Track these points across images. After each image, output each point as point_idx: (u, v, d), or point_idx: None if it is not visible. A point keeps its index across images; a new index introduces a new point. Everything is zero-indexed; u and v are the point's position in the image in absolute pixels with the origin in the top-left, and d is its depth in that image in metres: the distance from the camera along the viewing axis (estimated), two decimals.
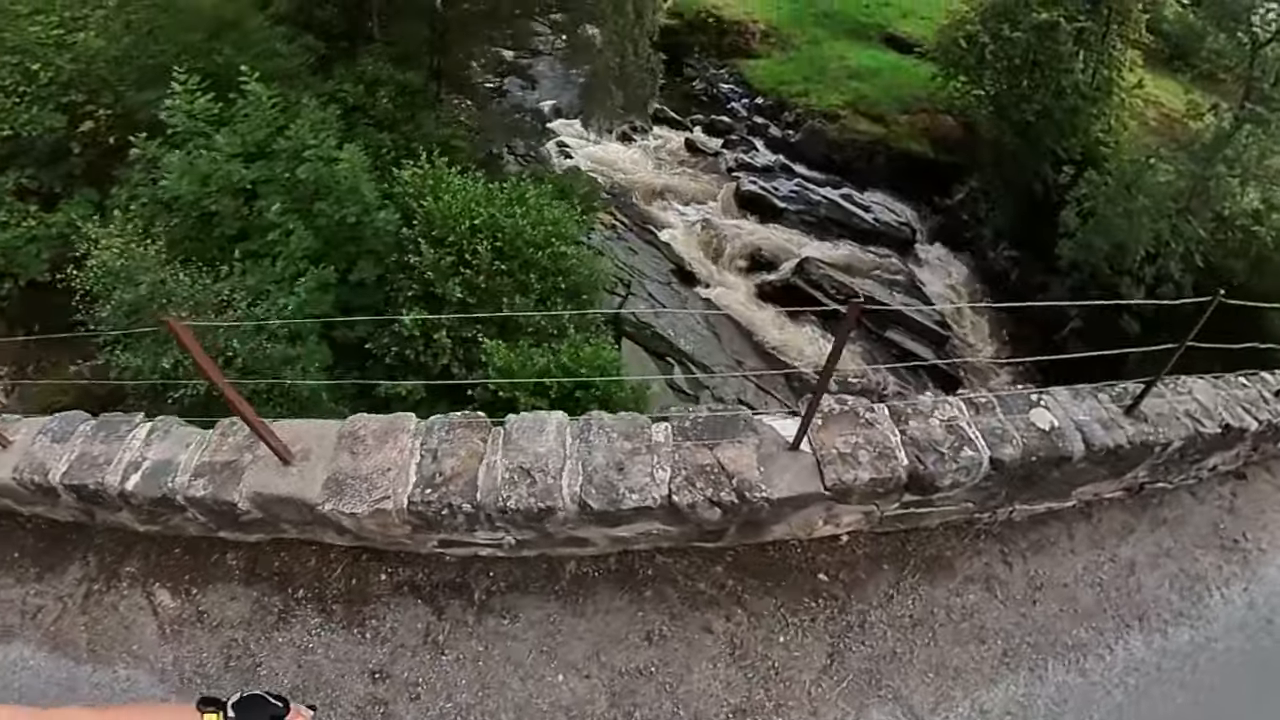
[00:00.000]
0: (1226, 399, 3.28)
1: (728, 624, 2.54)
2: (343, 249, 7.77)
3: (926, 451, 2.64)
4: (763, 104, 18.54)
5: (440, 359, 7.13)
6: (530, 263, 7.57)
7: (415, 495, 2.31)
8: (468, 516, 2.30)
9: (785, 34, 19.68)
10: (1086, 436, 2.85)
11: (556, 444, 2.41)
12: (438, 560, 2.61)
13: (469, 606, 2.48)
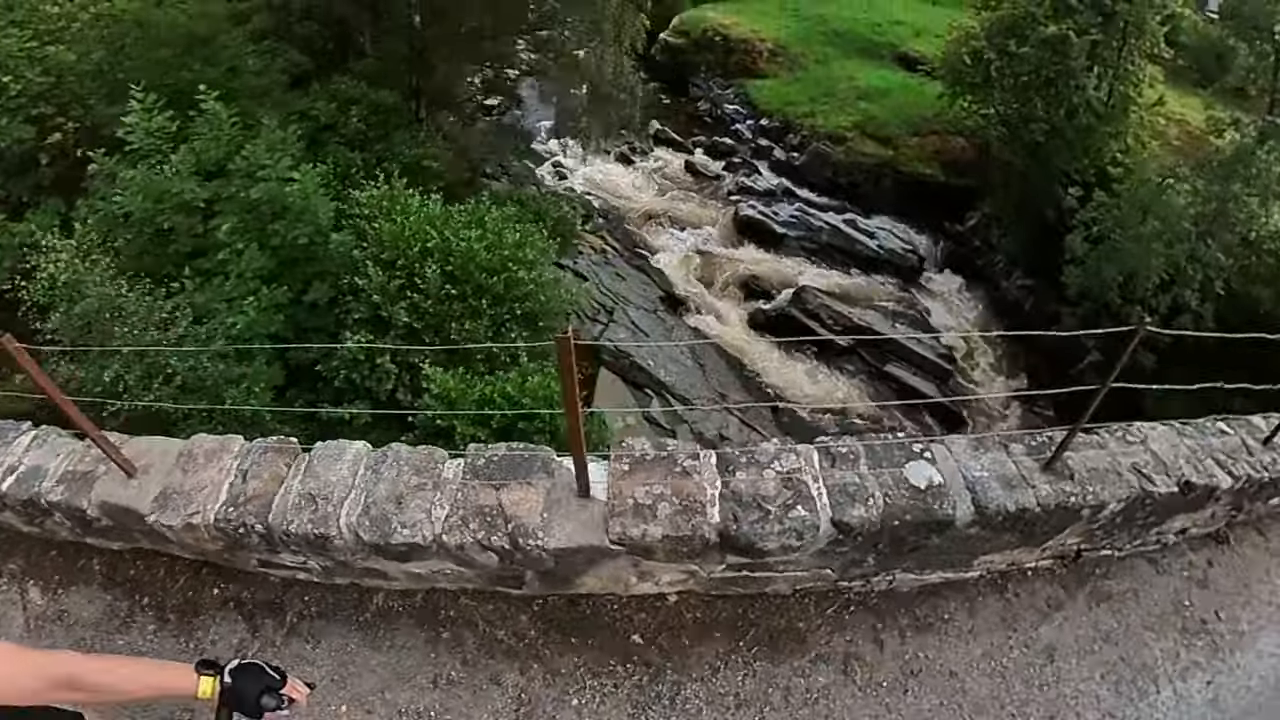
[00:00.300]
0: (1194, 449, 3.04)
1: (520, 678, 2.51)
2: (298, 270, 8.17)
3: (748, 509, 2.48)
4: (768, 125, 18.98)
5: (385, 384, 7.40)
6: (482, 288, 7.86)
7: (220, 513, 2.53)
8: (261, 537, 2.51)
9: (794, 53, 20.21)
10: (979, 497, 2.63)
11: (349, 473, 2.59)
12: (262, 580, 2.81)
13: (280, 627, 2.67)
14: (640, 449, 2.72)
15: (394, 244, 7.59)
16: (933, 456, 2.77)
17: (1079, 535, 3.00)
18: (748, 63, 20.24)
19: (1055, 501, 2.69)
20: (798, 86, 19.27)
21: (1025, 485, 2.72)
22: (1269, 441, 3.20)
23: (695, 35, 21.02)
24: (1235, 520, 3.37)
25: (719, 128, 19.74)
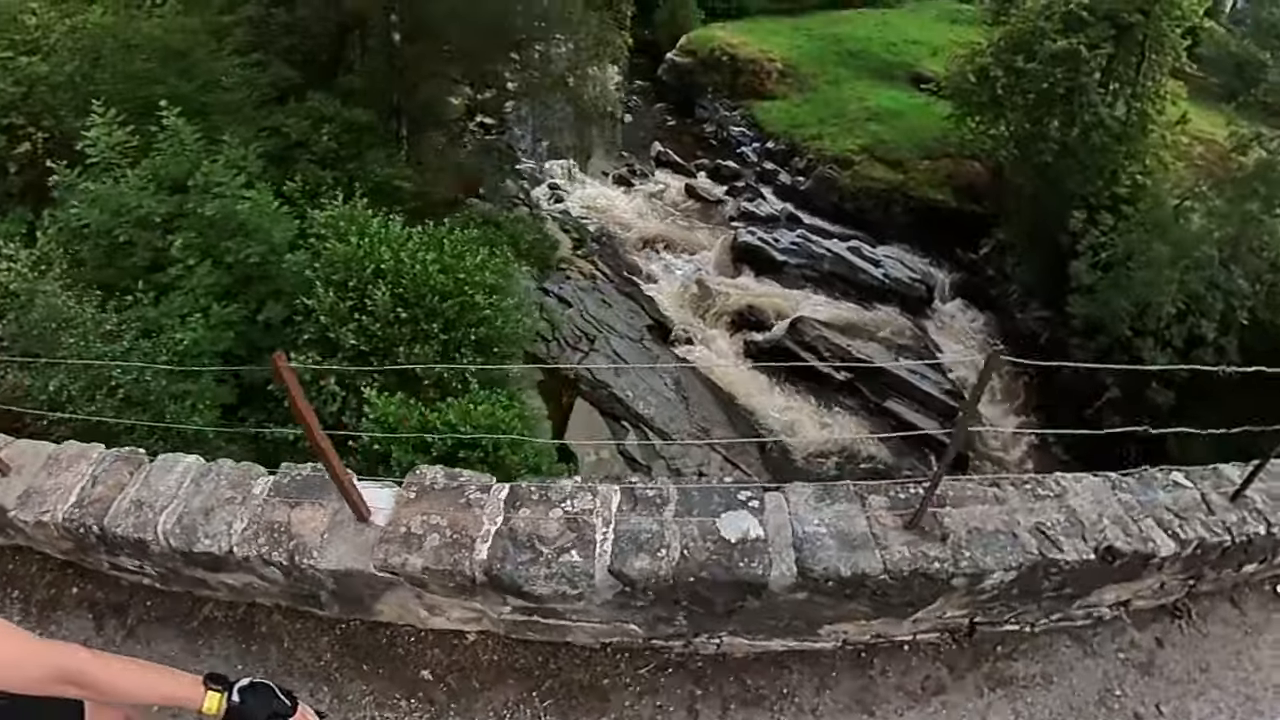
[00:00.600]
0: (1129, 506, 2.82)
1: (309, 699, 2.50)
2: (254, 288, 8.60)
3: (520, 549, 2.49)
4: (774, 148, 19.40)
5: (329, 406, 7.69)
6: (435, 311, 8.17)
7: (66, 514, 2.79)
8: (98, 538, 2.75)
9: (804, 73, 20.72)
10: (805, 557, 2.49)
11: (175, 484, 2.84)
12: (114, 582, 3.06)
13: (121, 628, 2.90)
14: (431, 477, 2.80)
15: (346, 265, 7.95)
16: (760, 506, 2.68)
17: (961, 607, 2.78)
18: (756, 83, 20.79)
19: (911, 567, 2.48)
20: (807, 108, 19.72)
21: (873, 546, 2.54)
22: (1238, 496, 2.94)
23: (703, 55, 21.70)
24: (1196, 591, 3.08)
25: (724, 150, 20.23)
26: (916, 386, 13.73)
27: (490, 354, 8.78)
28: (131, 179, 7.77)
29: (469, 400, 8.01)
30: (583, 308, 14.40)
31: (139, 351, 7.47)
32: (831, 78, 20.57)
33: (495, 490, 2.74)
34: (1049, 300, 14.92)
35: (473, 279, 8.56)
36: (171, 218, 8.06)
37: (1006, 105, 14.63)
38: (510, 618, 2.72)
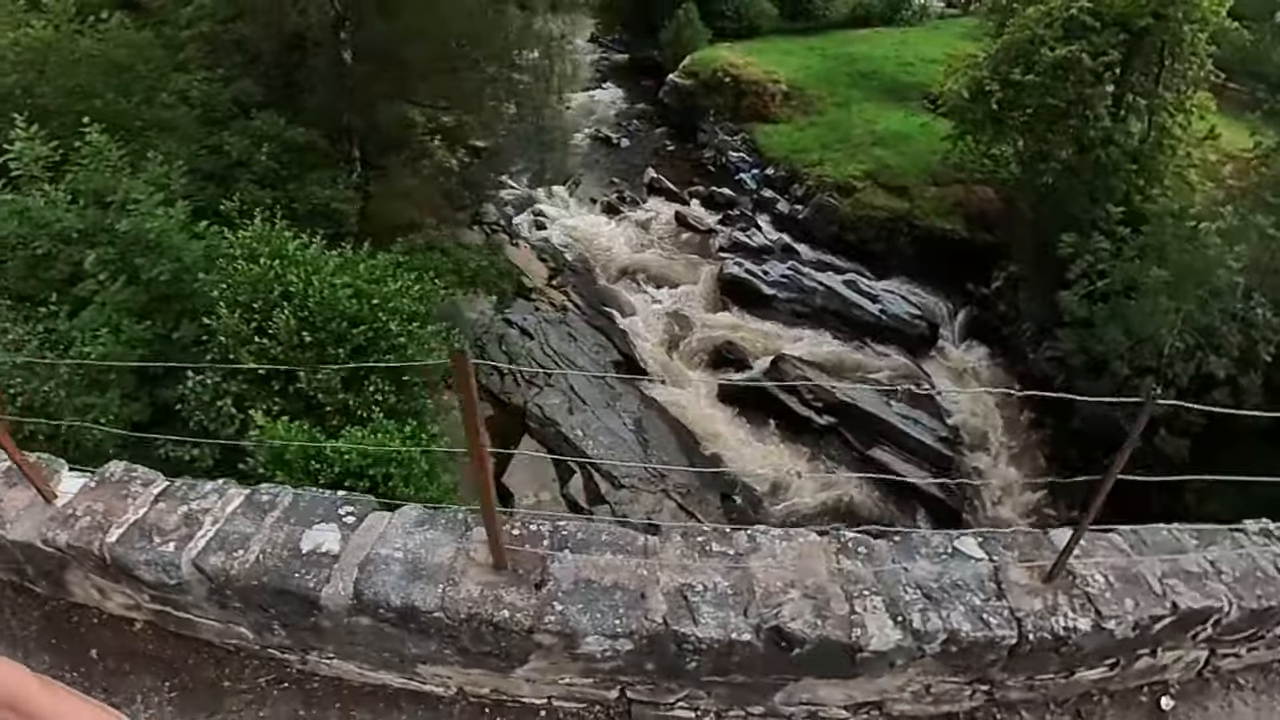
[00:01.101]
0: (853, 577, 2.79)
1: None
2: (170, 306, 9.36)
3: (142, 536, 2.90)
4: (773, 175, 20.02)
5: (227, 427, 8.29)
6: (342, 337, 8.78)
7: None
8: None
9: (811, 95, 21.43)
10: (362, 579, 2.73)
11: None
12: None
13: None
14: (113, 470, 3.31)
15: (253, 286, 8.63)
16: (354, 524, 2.96)
17: (587, 675, 2.86)
18: (759, 106, 21.55)
19: (471, 611, 2.62)
20: (811, 132, 20.35)
21: (441, 581, 2.70)
22: (1055, 574, 2.83)
23: (705, 76, 22.61)
24: (1007, 699, 3.05)
25: (721, 177, 20.93)
26: (907, 434, 13.83)
27: (402, 383, 9.33)
28: (51, 194, 8.63)
29: (372, 429, 8.54)
30: (544, 340, 14.97)
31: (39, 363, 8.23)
32: (840, 99, 21.21)
33: (152, 486, 3.21)
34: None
35: (386, 305, 9.17)
36: (92, 233, 8.89)
37: (1005, 122, 14.87)
38: (151, 606, 3.12)
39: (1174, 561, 3.01)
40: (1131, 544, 3.08)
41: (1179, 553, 3.07)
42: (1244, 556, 3.08)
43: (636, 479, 12.40)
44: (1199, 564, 3.02)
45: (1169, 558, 3.03)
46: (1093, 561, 2.96)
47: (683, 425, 13.96)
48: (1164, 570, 2.97)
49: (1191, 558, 3.04)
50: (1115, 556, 3.00)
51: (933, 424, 14.19)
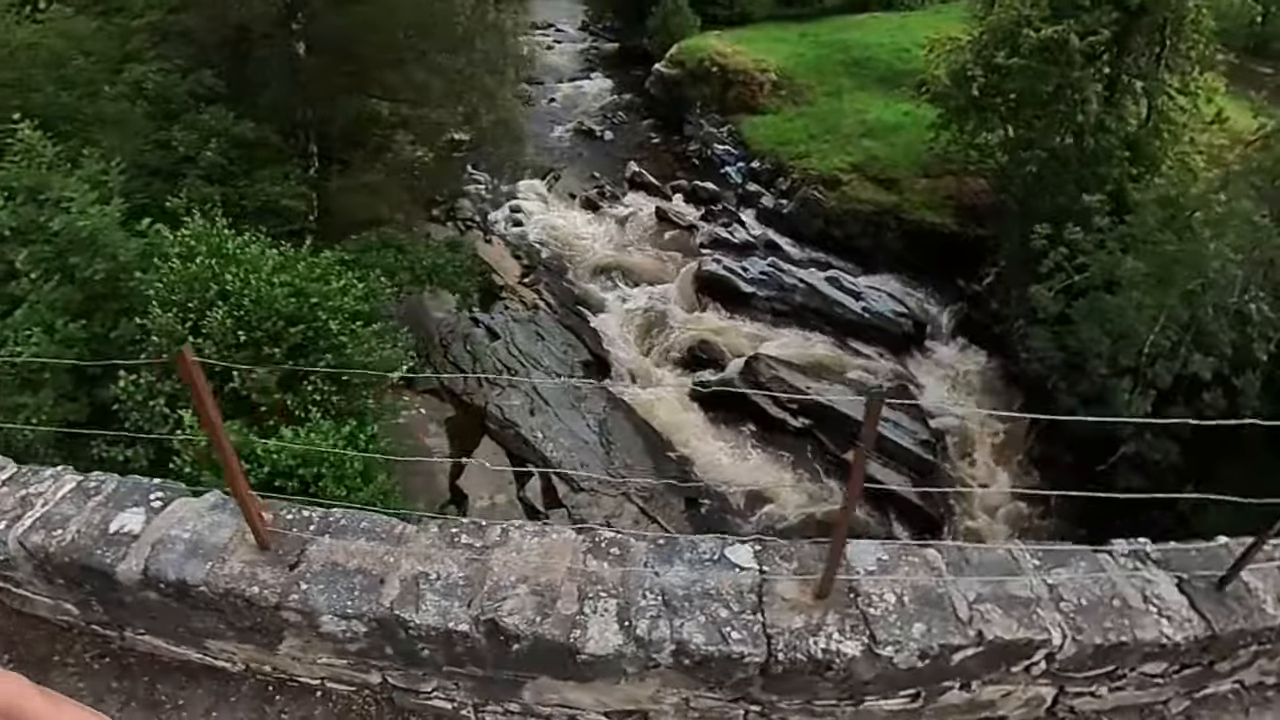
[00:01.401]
0: (635, 581, 3.01)
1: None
2: (108, 305, 9.86)
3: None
4: (759, 168, 20.38)
5: (160, 427, 8.76)
6: (279, 336, 9.25)
7: None
8: None
9: (800, 85, 21.78)
10: (152, 556, 3.10)
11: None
12: None
13: None
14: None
15: (188, 285, 9.12)
16: (161, 508, 3.38)
17: (339, 655, 3.14)
18: (746, 96, 21.92)
19: (228, 587, 2.96)
20: (799, 123, 20.70)
21: (216, 558, 3.10)
22: (826, 591, 2.90)
23: (691, 66, 22.99)
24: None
25: (706, 171, 21.33)
26: (885, 437, 14.03)
27: (342, 383, 9.77)
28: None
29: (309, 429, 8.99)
30: (510, 339, 15.42)
31: None
32: (832, 88, 21.55)
33: (2, 472, 3.68)
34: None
35: (325, 304, 9.62)
36: (25, 230, 9.41)
37: (989, 110, 15.07)
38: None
39: (999, 585, 2.94)
40: (949, 562, 3.06)
41: (1010, 575, 3.00)
42: (1100, 582, 2.99)
43: (596, 482, 12.78)
44: (1033, 589, 2.95)
45: (994, 580, 2.98)
46: (890, 580, 2.95)
47: (651, 427, 14.33)
48: (980, 594, 2.93)
49: (1025, 581, 2.97)
50: (921, 575, 2.98)
51: (914, 427, 14.43)
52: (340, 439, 9.17)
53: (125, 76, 12.30)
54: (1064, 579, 2.97)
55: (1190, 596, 2.99)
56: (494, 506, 12.31)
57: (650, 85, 24.61)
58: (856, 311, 16.55)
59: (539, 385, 14.32)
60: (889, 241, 18.01)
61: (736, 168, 20.91)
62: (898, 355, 16.24)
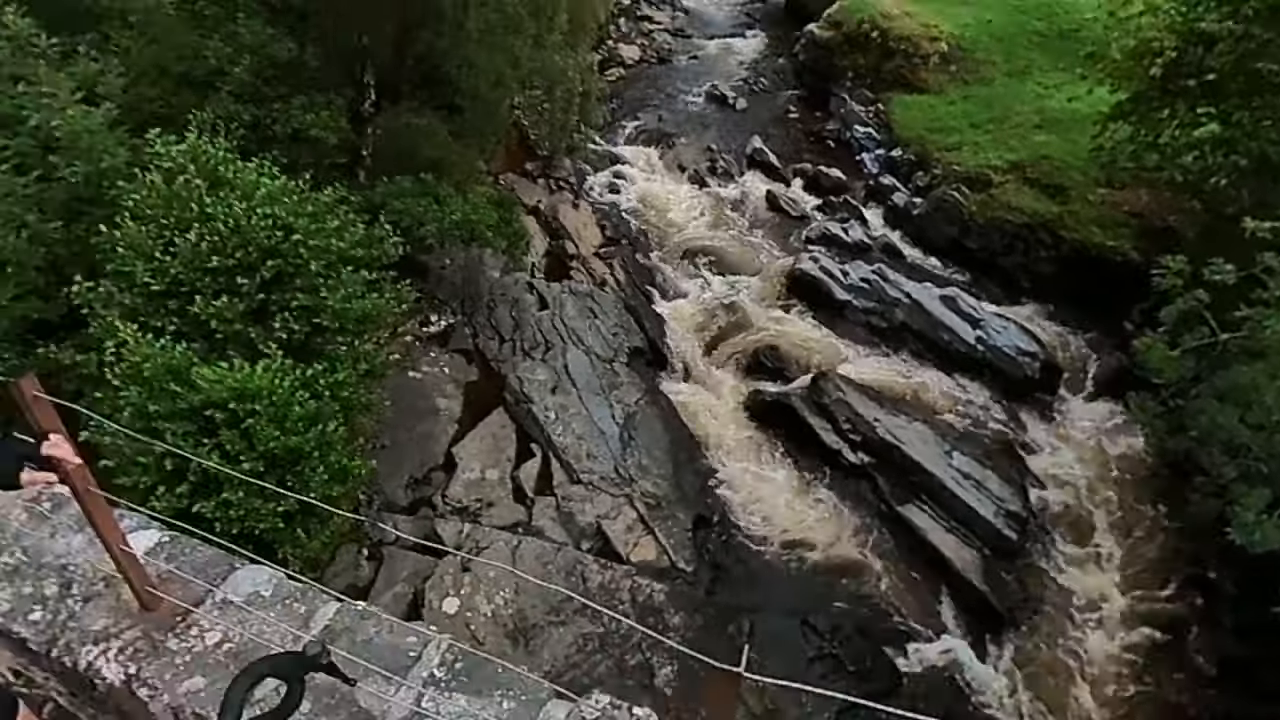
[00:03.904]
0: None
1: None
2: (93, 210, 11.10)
3: None
4: (899, 158, 19.83)
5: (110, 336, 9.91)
6: (252, 267, 10.32)
7: None
8: None
9: (978, 58, 20.88)
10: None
11: None
12: None
13: None
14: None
15: (167, 202, 10.36)
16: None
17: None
18: (907, 70, 21.28)
19: None
20: (959, 105, 19.89)
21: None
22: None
23: (849, 28, 22.51)
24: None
25: (839, 155, 21.03)
26: (959, 497, 13.34)
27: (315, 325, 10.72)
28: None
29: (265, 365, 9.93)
30: (559, 311, 16.02)
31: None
32: (1017, 66, 20.49)
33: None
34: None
35: (309, 242, 10.59)
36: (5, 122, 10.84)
37: (1179, 95, 13.49)
38: None
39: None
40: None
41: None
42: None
43: (600, 476, 13.13)
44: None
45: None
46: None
47: (683, 431, 14.44)
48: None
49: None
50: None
51: (1003, 494, 13.44)
52: (295, 380, 10.11)
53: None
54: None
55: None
56: (483, 479, 13.00)
57: (800, 50, 24.39)
58: (968, 341, 15.74)
59: (570, 363, 14.88)
60: (1038, 263, 17.00)
61: (874, 156, 20.41)
62: (1012, 402, 15.25)
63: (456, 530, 12.34)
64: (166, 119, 11.66)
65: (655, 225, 19.51)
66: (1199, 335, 11.40)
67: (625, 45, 27.25)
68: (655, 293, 17.47)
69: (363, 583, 11.76)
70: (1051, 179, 17.45)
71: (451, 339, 15.67)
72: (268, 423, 9.60)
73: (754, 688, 10.81)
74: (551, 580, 11.76)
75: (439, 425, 13.79)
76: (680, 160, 21.68)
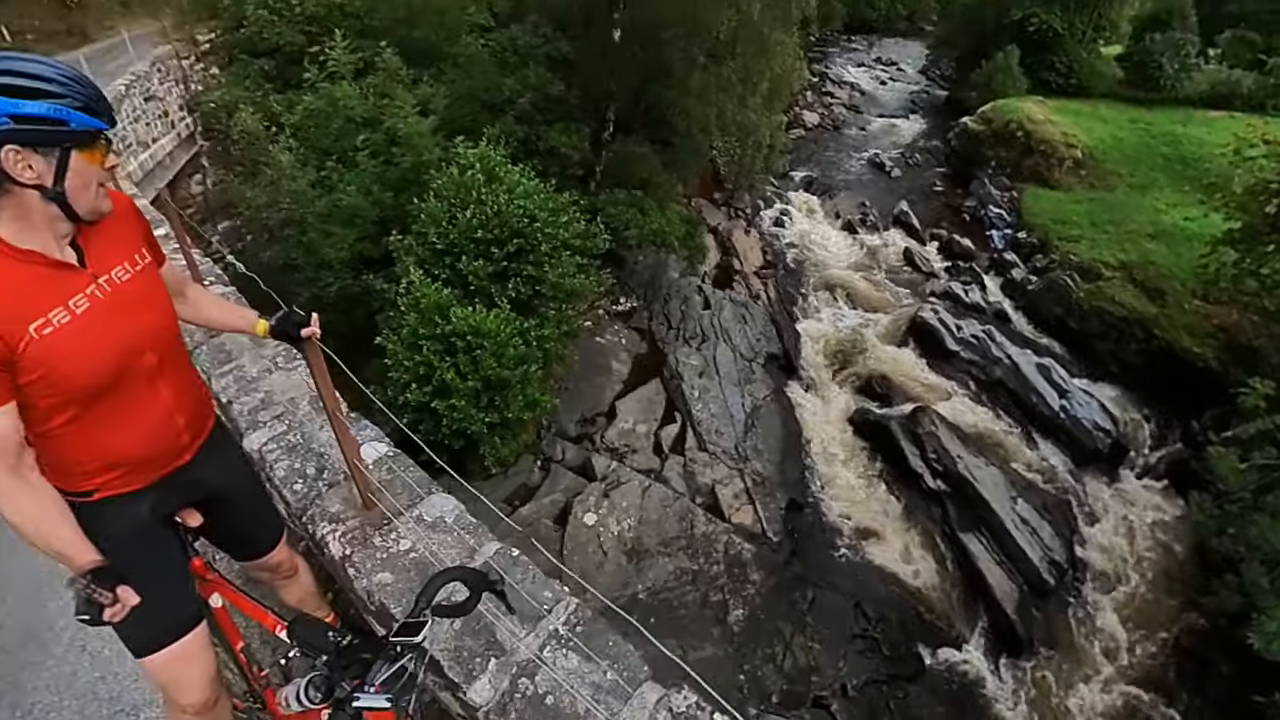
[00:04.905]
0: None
1: None
2: (413, 188, 12.32)
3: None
4: (1023, 240, 18.75)
5: (405, 276, 10.89)
6: (502, 242, 11.03)
7: None
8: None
9: (1106, 169, 19.46)
10: None
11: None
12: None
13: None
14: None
15: (456, 187, 11.18)
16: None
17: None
18: (1043, 168, 20.06)
19: None
20: (1084, 206, 18.58)
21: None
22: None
23: (997, 125, 21.44)
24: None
25: (972, 230, 20.07)
26: (1013, 537, 12.63)
27: (536, 291, 11.35)
28: (348, 89, 11.97)
29: (495, 313, 10.65)
30: (718, 312, 16.18)
31: (322, 200, 11.61)
32: (1141, 180, 18.93)
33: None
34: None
35: (544, 230, 11.19)
36: (370, 121, 12.14)
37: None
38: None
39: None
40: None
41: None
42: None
43: (722, 449, 13.27)
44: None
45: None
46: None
47: (796, 429, 14.38)
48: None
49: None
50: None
51: (1052, 544, 12.63)
52: (515, 329, 10.78)
53: (495, 36, 14.90)
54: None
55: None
56: (633, 431, 13.35)
57: (953, 136, 23.33)
58: (1053, 408, 14.82)
59: (718, 356, 15.02)
60: (1128, 353, 15.76)
61: (1002, 234, 19.37)
62: (1079, 468, 14.25)
63: (606, 464, 12.65)
64: (468, 130, 12.69)
65: (807, 258, 19.35)
66: (1268, 455, 10.36)
67: (808, 112, 26.90)
68: (797, 312, 17.38)
69: (533, 485, 12.15)
70: (1154, 283, 16.11)
71: (632, 318, 16.10)
72: (489, 355, 10.32)
73: (804, 644, 10.95)
74: (666, 521, 11.89)
75: (609, 382, 14.25)
76: (837, 209, 21.33)
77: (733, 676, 10.32)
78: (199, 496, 2.42)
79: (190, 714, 2.42)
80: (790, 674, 10.56)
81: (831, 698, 10.47)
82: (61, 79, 1.83)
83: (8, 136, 1.76)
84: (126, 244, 2.11)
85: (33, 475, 1.95)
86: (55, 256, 1.92)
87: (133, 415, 2.10)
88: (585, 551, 11.26)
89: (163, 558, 2.32)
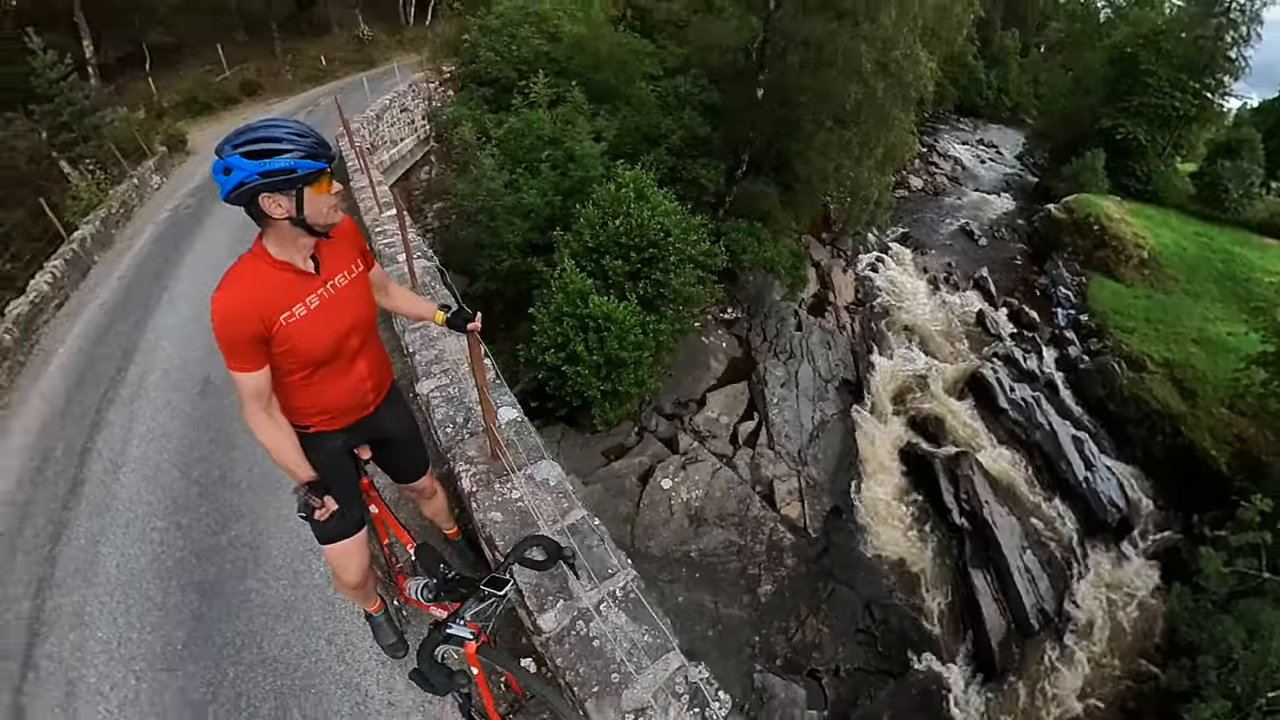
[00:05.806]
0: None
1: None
2: (579, 195, 12.53)
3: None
4: (1083, 322, 17.47)
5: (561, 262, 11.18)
6: (639, 248, 11.14)
7: None
8: None
9: (1168, 273, 17.88)
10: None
11: None
12: None
13: None
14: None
15: (611, 200, 11.34)
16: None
17: None
18: (1111, 261, 18.59)
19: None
20: (1142, 302, 17.15)
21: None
22: None
23: (1077, 216, 19.95)
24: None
25: (1040, 304, 18.88)
26: (1014, 582, 12.00)
27: (660, 293, 11.42)
28: (541, 114, 12.28)
29: (624, 306, 10.79)
30: (807, 335, 15.82)
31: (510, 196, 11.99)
32: (1194, 289, 17.31)
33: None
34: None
35: (674, 244, 11.22)
36: (556, 141, 12.41)
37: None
38: None
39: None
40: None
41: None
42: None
43: (787, 451, 13.08)
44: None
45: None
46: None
47: (854, 447, 14.01)
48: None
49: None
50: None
51: (1046, 594, 12.03)
52: (637, 320, 10.89)
53: (662, 83, 14.92)
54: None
55: None
56: (716, 421, 13.28)
57: (1036, 218, 21.76)
58: (1078, 477, 13.88)
59: (799, 372, 14.70)
60: (1155, 443, 14.58)
61: (1066, 312, 18.08)
62: (1088, 535, 13.35)
63: (689, 442, 12.68)
64: (629, 156, 12.95)
65: (892, 303, 18.58)
66: (1250, 564, 9.47)
67: (914, 176, 25.68)
68: (875, 347, 16.78)
69: (628, 446, 12.26)
70: (1190, 384, 14.85)
71: (734, 327, 15.98)
72: (614, 338, 10.53)
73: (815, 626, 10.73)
74: (727, 500, 11.83)
75: (705, 375, 14.22)
76: (925, 265, 20.42)
77: (750, 636, 10.37)
78: (375, 437, 2.75)
79: (348, 588, 2.84)
80: (797, 646, 10.52)
81: (825, 673, 10.40)
82: (290, 137, 2.04)
83: (262, 188, 2.01)
84: (347, 257, 2.40)
85: (277, 413, 2.30)
86: (300, 267, 2.23)
87: (340, 379, 2.43)
88: (657, 509, 11.39)
89: (348, 478, 2.66)
